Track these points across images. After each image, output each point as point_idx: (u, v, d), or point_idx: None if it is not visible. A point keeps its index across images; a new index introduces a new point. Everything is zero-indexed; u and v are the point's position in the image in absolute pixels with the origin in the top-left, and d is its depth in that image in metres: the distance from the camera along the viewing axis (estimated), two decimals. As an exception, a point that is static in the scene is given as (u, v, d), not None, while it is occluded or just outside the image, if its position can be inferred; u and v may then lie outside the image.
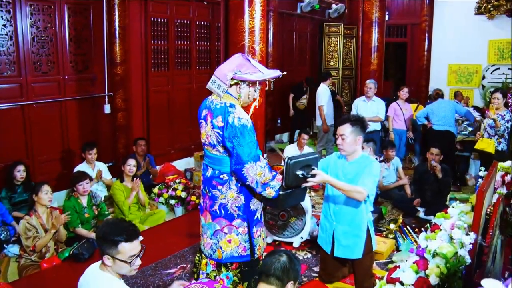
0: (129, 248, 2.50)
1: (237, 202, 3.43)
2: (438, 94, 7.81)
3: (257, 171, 3.21)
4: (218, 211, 3.43)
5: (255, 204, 3.52)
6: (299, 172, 3.23)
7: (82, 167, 5.96)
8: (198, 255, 3.84)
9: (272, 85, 3.68)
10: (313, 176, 3.28)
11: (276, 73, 3.46)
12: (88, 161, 6.15)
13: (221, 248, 3.48)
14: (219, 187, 3.39)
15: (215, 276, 3.58)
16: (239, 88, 3.34)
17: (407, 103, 8.39)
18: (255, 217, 3.55)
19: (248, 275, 3.58)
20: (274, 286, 2.45)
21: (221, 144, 3.27)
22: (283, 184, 3.28)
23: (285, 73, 3.59)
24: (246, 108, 3.53)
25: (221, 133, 3.22)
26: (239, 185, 3.38)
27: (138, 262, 2.58)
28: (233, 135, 3.17)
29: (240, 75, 3.28)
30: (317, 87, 8.45)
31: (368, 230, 3.70)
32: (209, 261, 3.60)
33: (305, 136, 7.08)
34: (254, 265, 3.59)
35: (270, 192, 3.29)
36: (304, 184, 3.35)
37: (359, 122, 3.59)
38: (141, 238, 2.60)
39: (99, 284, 2.55)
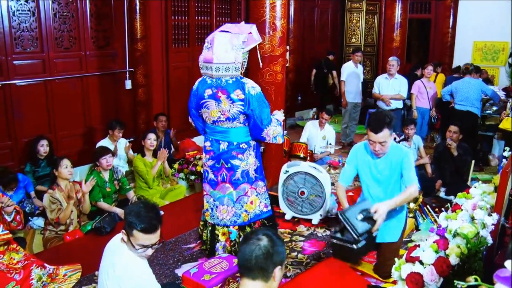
0: (142, 238, 2.57)
1: (254, 166, 3.82)
2: (467, 69, 7.50)
3: (273, 131, 3.69)
4: (241, 178, 3.75)
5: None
6: (360, 217, 3.19)
7: (104, 142, 6.01)
8: (205, 231, 4.09)
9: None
10: (374, 213, 3.21)
11: (251, 28, 3.70)
12: (115, 138, 6.22)
13: (246, 211, 3.82)
14: (240, 156, 3.71)
15: (239, 238, 3.85)
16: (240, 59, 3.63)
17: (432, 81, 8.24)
18: (264, 174, 4.01)
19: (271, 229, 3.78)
20: (260, 279, 2.04)
21: (243, 114, 3.58)
22: (356, 236, 3.15)
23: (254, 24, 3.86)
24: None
25: (243, 103, 3.53)
26: (255, 150, 3.80)
27: (148, 252, 2.64)
28: (252, 104, 3.53)
29: (245, 48, 3.61)
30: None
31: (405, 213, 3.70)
32: (232, 228, 3.87)
33: (326, 116, 6.97)
34: (274, 217, 4.12)
35: (279, 140, 3.78)
36: (375, 228, 3.22)
37: (391, 120, 3.41)
38: (158, 232, 2.64)
39: (119, 255, 2.64)
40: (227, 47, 3.53)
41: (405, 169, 3.50)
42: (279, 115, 3.93)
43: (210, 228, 4.00)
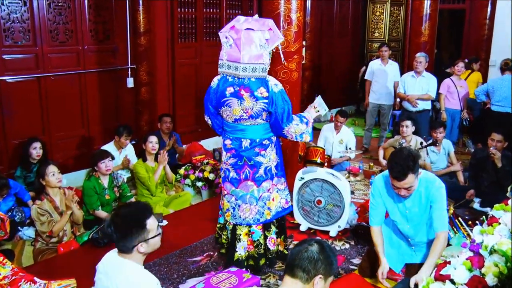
0: (153, 221, 2.64)
1: (275, 162, 4.02)
2: (507, 65, 7.30)
3: (295, 129, 3.87)
4: (264, 175, 3.95)
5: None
6: None
7: (108, 148, 5.97)
8: (225, 233, 4.22)
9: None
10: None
11: (269, 23, 3.82)
12: (121, 145, 6.21)
13: (269, 208, 4.00)
14: (263, 152, 3.90)
15: (265, 238, 4.06)
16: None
17: (463, 79, 8.10)
18: (284, 169, 4.21)
19: (284, 227, 4.27)
20: (299, 279, 2.26)
21: (266, 112, 3.77)
22: None
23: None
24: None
25: (267, 101, 3.72)
26: (276, 146, 4.02)
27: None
28: (275, 102, 3.73)
29: (270, 47, 3.75)
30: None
31: None
32: (255, 227, 4.03)
33: (340, 118, 6.90)
34: (285, 216, 4.31)
35: (307, 138, 3.97)
36: None
37: (415, 162, 3.33)
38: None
39: (122, 272, 2.59)
40: (255, 46, 3.68)
41: (436, 208, 3.43)
42: (311, 112, 4.09)
43: (230, 227, 4.12)
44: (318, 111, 4.13)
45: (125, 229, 2.57)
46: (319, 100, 4.19)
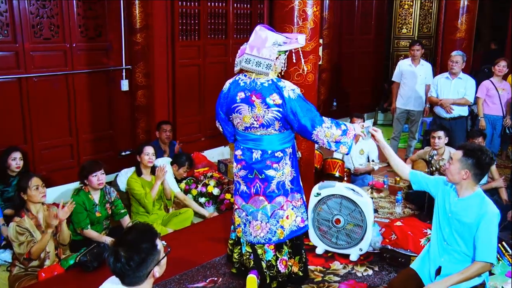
0: (159, 240, 2.59)
1: (290, 177, 4.10)
2: None
3: (325, 133, 3.87)
4: (276, 191, 4.04)
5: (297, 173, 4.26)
6: None
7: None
8: (236, 250, 4.37)
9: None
10: None
11: (298, 35, 4.09)
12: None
13: (282, 227, 4.08)
14: (275, 165, 3.99)
15: (276, 259, 4.14)
16: (277, 60, 3.94)
17: (505, 80, 8.01)
18: (301, 185, 4.30)
19: (300, 247, 4.33)
20: None
21: (280, 121, 3.86)
22: None
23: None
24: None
25: (281, 110, 3.81)
26: (291, 158, 4.10)
27: None
28: (294, 109, 3.80)
29: (283, 47, 3.88)
30: None
31: None
32: (267, 247, 4.13)
33: (357, 120, 6.82)
34: (303, 235, 4.41)
35: (343, 150, 3.96)
36: None
37: (475, 156, 3.50)
38: (164, 243, 2.65)
39: None
40: (266, 41, 3.82)
41: (480, 234, 3.45)
42: (356, 127, 4.09)
43: (246, 244, 4.21)
44: (363, 132, 4.19)
45: (140, 256, 2.47)
46: (369, 124, 4.32)
